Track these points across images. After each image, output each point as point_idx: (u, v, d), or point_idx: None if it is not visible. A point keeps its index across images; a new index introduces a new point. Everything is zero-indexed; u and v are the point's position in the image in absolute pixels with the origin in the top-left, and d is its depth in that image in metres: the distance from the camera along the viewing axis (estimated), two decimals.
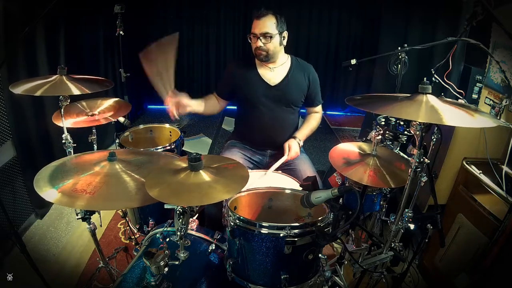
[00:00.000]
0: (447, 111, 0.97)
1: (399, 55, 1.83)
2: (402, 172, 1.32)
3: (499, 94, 1.82)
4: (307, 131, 1.93)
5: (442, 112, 0.95)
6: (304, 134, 1.90)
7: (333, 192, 0.99)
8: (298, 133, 1.89)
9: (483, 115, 1.00)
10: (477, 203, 1.57)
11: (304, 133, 1.90)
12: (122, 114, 1.69)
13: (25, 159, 2.11)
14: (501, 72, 1.75)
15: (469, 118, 0.96)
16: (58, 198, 0.92)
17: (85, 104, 1.66)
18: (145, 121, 4.16)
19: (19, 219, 2.12)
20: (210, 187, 0.95)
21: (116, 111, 1.68)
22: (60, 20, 2.41)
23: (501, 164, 1.59)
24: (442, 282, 1.73)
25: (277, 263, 1.07)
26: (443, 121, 0.92)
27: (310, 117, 1.99)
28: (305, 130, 1.93)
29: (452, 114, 0.95)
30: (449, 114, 0.94)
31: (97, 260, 1.44)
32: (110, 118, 1.62)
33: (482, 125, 1.02)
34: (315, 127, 1.98)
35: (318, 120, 2.00)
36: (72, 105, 1.59)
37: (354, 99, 1.19)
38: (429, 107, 0.98)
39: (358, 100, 1.21)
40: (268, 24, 1.68)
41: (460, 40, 1.87)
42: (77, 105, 1.64)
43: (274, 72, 1.83)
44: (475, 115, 0.97)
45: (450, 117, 0.93)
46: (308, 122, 1.97)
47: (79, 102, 1.66)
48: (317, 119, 2.00)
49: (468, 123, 0.97)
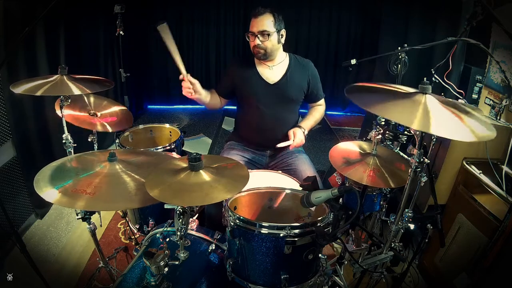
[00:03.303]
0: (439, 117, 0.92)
1: (399, 55, 1.83)
2: (402, 172, 1.32)
3: (499, 94, 1.82)
4: (311, 122, 1.93)
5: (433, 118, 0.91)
6: (308, 124, 1.91)
7: (333, 192, 0.99)
8: (303, 123, 1.90)
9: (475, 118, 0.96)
10: (477, 203, 1.56)
11: (308, 124, 1.91)
12: (121, 127, 1.68)
13: (25, 159, 2.11)
14: (501, 72, 1.75)
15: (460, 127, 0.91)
16: (58, 198, 0.92)
17: (92, 100, 1.65)
18: (145, 121, 4.17)
19: (19, 219, 2.12)
20: (210, 187, 0.95)
21: (117, 121, 1.67)
22: (60, 20, 2.41)
23: (501, 164, 1.59)
24: (442, 282, 1.73)
25: (277, 263, 1.07)
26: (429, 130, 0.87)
27: (314, 110, 2.00)
28: (309, 121, 1.93)
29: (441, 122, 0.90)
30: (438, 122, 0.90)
31: (97, 260, 1.44)
32: (108, 128, 1.61)
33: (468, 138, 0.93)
34: (318, 119, 1.99)
35: (322, 112, 2.01)
36: (79, 97, 1.58)
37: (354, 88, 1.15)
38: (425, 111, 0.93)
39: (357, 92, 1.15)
40: (266, 22, 1.69)
41: (460, 40, 1.88)
42: (84, 99, 1.63)
43: (273, 70, 1.84)
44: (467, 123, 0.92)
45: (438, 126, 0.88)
46: (311, 114, 1.98)
47: (87, 96, 1.64)
48: (320, 111, 2.00)
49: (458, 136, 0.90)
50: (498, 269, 1.41)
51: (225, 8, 4.38)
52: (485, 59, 1.96)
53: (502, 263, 1.40)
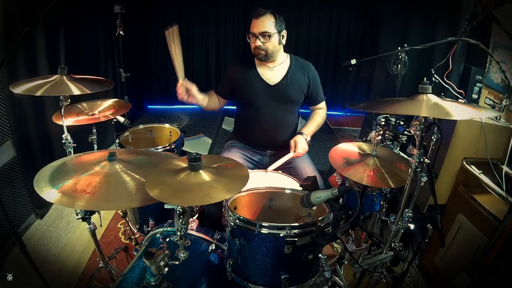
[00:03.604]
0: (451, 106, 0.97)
1: (399, 55, 1.83)
2: (402, 172, 1.32)
3: (499, 94, 1.82)
4: (313, 127, 1.92)
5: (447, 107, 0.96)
6: (310, 130, 1.89)
7: (333, 192, 0.99)
8: (304, 129, 1.88)
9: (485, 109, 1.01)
10: (477, 203, 1.56)
11: (310, 129, 1.89)
12: (122, 112, 1.69)
13: (25, 159, 2.11)
14: (501, 72, 1.75)
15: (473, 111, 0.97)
16: (58, 198, 0.92)
17: (85, 105, 1.66)
18: (145, 121, 4.17)
19: (19, 219, 2.12)
20: (210, 187, 0.95)
21: (116, 110, 1.68)
22: (60, 20, 2.41)
23: (501, 164, 1.59)
24: (442, 282, 1.73)
25: (277, 263, 1.07)
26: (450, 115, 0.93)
27: (315, 114, 1.98)
28: (311, 126, 1.91)
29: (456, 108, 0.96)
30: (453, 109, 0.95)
31: (97, 260, 1.44)
32: (109, 116, 1.62)
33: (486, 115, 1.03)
34: (320, 123, 1.97)
35: (323, 116, 1.99)
36: (73, 106, 1.59)
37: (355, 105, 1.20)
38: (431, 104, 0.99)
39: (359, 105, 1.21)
40: (267, 23, 1.68)
41: (460, 40, 1.88)
42: (78, 106, 1.64)
43: (274, 71, 1.83)
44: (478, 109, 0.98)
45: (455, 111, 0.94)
46: (313, 119, 1.96)
47: (80, 103, 1.66)
48: (322, 115, 1.98)
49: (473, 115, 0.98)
50: (498, 269, 1.41)
51: (225, 8, 4.38)
52: (485, 59, 1.96)
53: (502, 263, 1.40)
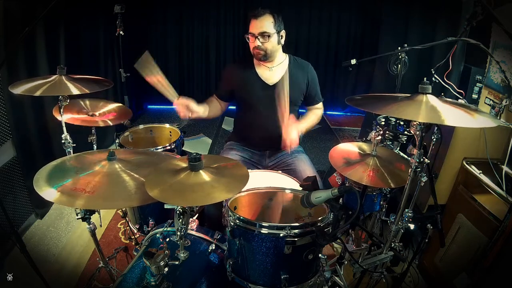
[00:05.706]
0: (447, 111, 0.96)
1: (399, 55, 1.83)
2: (402, 172, 1.32)
3: (499, 94, 1.82)
4: (305, 124, 1.83)
5: (442, 112, 0.95)
6: (303, 126, 1.79)
7: (333, 192, 0.99)
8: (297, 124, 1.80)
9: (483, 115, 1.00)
10: (477, 203, 1.56)
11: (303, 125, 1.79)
12: (121, 120, 1.68)
13: (25, 159, 2.11)
14: (501, 72, 1.75)
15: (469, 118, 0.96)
16: (57, 197, 0.92)
17: (88, 103, 1.66)
18: (145, 121, 4.16)
19: (19, 219, 2.12)
20: (210, 187, 0.95)
21: (116, 117, 1.67)
22: (60, 20, 2.41)
23: (501, 164, 1.59)
24: (442, 282, 1.73)
25: (277, 263, 1.07)
26: (443, 121, 0.92)
27: (310, 112, 1.95)
28: (304, 123, 1.83)
29: (452, 114, 0.95)
30: (449, 114, 0.94)
31: (97, 260, 1.44)
32: (108, 122, 1.61)
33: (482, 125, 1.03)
34: (314, 120, 1.91)
35: (319, 115, 1.95)
36: (75, 101, 1.59)
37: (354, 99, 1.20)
38: (429, 107, 0.98)
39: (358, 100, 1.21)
40: (266, 24, 1.68)
41: (460, 40, 1.88)
42: (80, 103, 1.63)
43: (272, 71, 1.83)
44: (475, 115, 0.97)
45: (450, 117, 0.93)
46: (306, 116, 1.91)
47: (83, 100, 1.65)
48: (317, 114, 1.95)
49: (469, 123, 0.97)
50: (498, 269, 1.41)
51: (225, 8, 4.37)
52: (485, 59, 1.96)
53: (502, 263, 1.40)
